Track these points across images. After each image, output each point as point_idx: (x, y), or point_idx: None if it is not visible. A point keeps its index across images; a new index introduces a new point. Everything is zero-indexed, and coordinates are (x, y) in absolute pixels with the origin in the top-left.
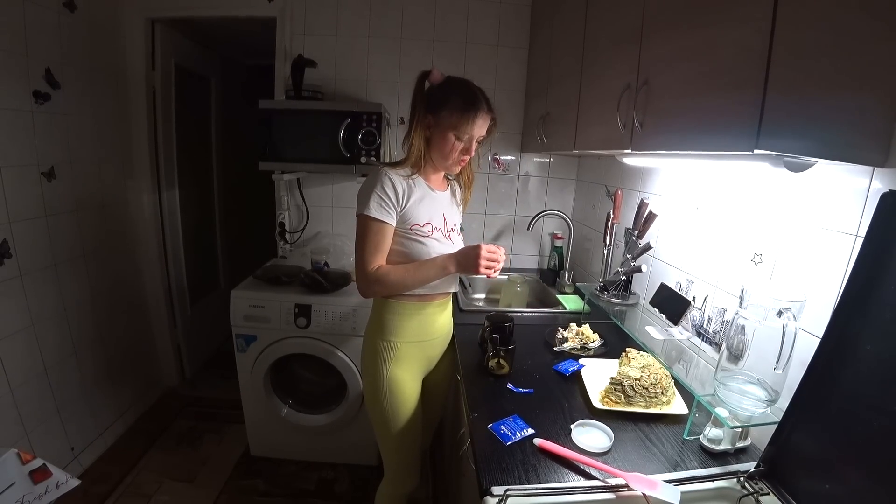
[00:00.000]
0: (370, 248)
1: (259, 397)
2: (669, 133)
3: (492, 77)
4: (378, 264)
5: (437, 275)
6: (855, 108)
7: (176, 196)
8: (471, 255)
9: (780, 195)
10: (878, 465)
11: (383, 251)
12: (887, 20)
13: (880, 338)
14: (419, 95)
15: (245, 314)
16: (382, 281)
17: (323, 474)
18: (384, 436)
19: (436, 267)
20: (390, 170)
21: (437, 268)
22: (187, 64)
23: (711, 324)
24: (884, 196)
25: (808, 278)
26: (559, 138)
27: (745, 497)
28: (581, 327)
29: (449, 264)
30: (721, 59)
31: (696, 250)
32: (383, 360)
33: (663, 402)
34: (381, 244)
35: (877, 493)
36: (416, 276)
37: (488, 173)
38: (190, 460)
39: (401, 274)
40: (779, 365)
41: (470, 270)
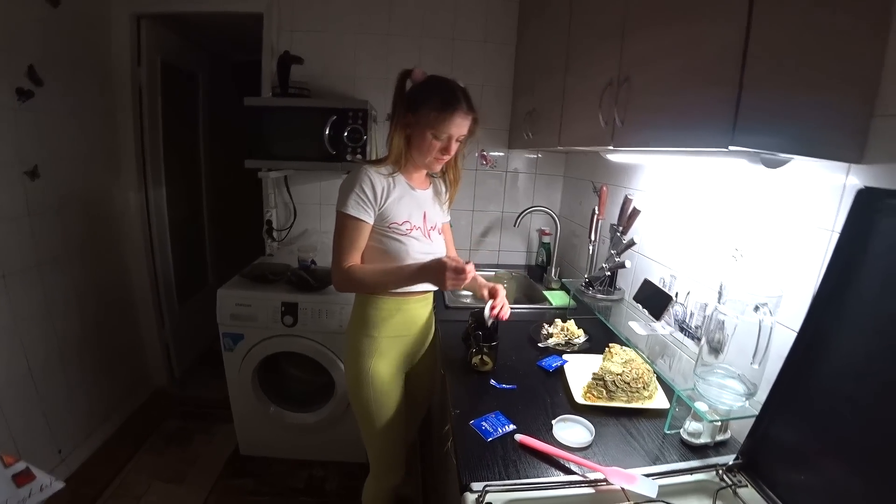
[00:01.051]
0: (345, 244)
1: (247, 396)
2: (649, 130)
3: (479, 73)
4: (351, 261)
5: (404, 284)
6: (830, 105)
7: (163, 194)
8: (438, 272)
9: (759, 191)
10: (853, 456)
11: (358, 248)
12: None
13: (855, 332)
14: (400, 94)
15: (232, 313)
16: (352, 280)
17: (313, 472)
18: (368, 431)
19: (404, 277)
20: (371, 168)
21: (405, 278)
22: (174, 60)
23: (693, 319)
24: (859, 192)
25: (785, 273)
26: (545, 135)
27: (724, 489)
28: (566, 323)
29: (417, 277)
30: (699, 56)
31: (679, 246)
32: (365, 355)
33: (645, 397)
34: (357, 242)
35: (851, 483)
36: (383, 282)
37: (476, 170)
38: (179, 461)
39: (370, 277)
40: (756, 359)
41: (436, 284)
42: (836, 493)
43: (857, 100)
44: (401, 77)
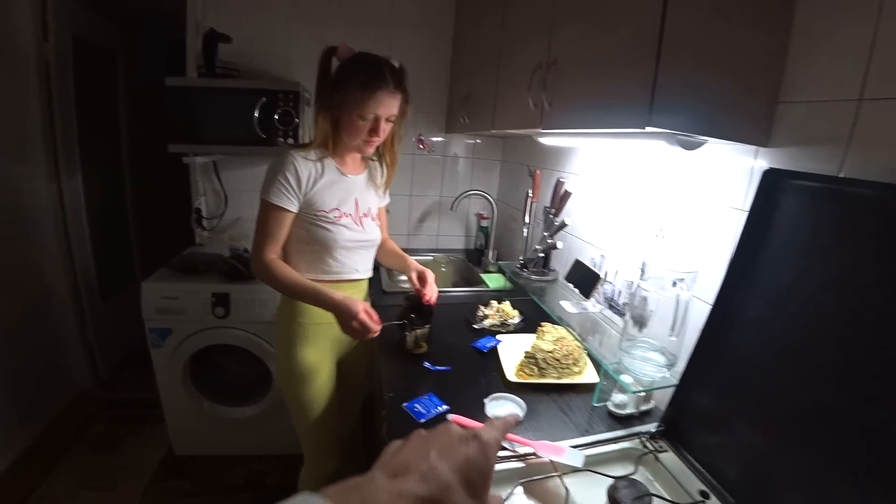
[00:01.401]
0: (265, 234)
1: (179, 393)
2: (575, 112)
3: (417, 57)
4: (270, 253)
5: (314, 305)
6: (740, 91)
7: (79, 182)
8: (346, 316)
9: (678, 173)
10: (758, 417)
11: (278, 239)
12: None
13: (761, 304)
14: (324, 73)
15: (158, 306)
16: (267, 276)
17: (253, 467)
18: (300, 420)
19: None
20: (297, 153)
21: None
22: (88, 35)
23: (621, 296)
24: (765, 173)
25: (702, 250)
26: (480, 119)
27: (645, 455)
28: (501, 304)
29: (328, 307)
30: (620, 39)
31: (608, 227)
32: (294, 343)
33: (575, 373)
34: (277, 232)
35: (757, 442)
36: (295, 295)
37: (413, 154)
38: (109, 466)
39: (284, 283)
40: (674, 331)
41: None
42: (745, 452)
43: (763, 86)
44: (325, 54)
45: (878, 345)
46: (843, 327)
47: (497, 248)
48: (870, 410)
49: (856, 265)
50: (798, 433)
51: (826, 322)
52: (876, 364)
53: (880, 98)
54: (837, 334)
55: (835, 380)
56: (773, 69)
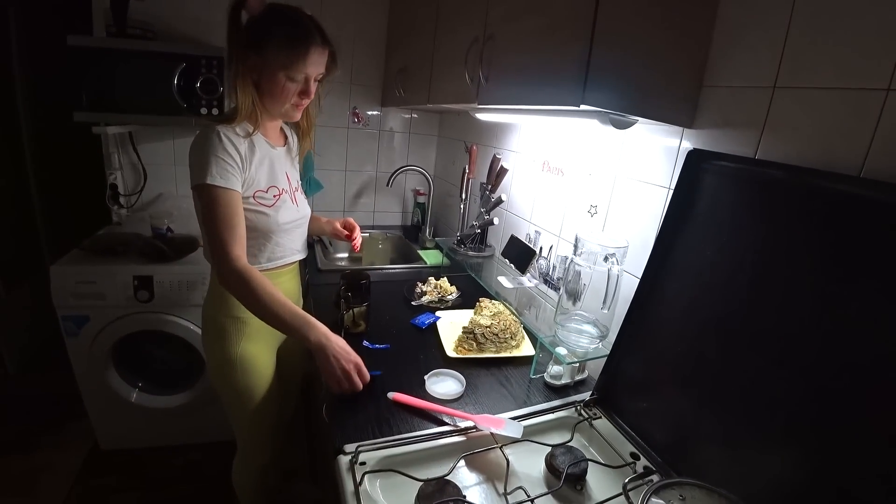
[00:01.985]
0: (223, 226)
1: (102, 385)
2: (510, 87)
3: (352, 27)
4: (240, 250)
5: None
6: (668, 72)
7: None
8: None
9: (611, 152)
10: (680, 382)
11: (240, 229)
12: None
13: (683, 276)
14: (235, 30)
15: (72, 292)
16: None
17: (189, 457)
18: (237, 413)
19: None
20: (224, 127)
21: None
22: None
23: (556, 271)
24: (689, 153)
25: (632, 227)
26: (415, 92)
27: (581, 423)
28: (439, 281)
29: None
30: (556, 14)
31: (543, 203)
32: (232, 337)
33: (513, 347)
34: (235, 220)
35: (680, 404)
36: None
37: (347, 128)
38: (24, 469)
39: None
40: (606, 304)
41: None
42: (670, 415)
43: (689, 70)
44: (233, 8)
45: (785, 313)
46: (755, 298)
47: (434, 225)
48: (776, 373)
49: (768, 241)
50: (716, 396)
51: (740, 293)
52: (782, 330)
53: (791, 87)
54: (750, 304)
55: (747, 350)
56: (698, 54)
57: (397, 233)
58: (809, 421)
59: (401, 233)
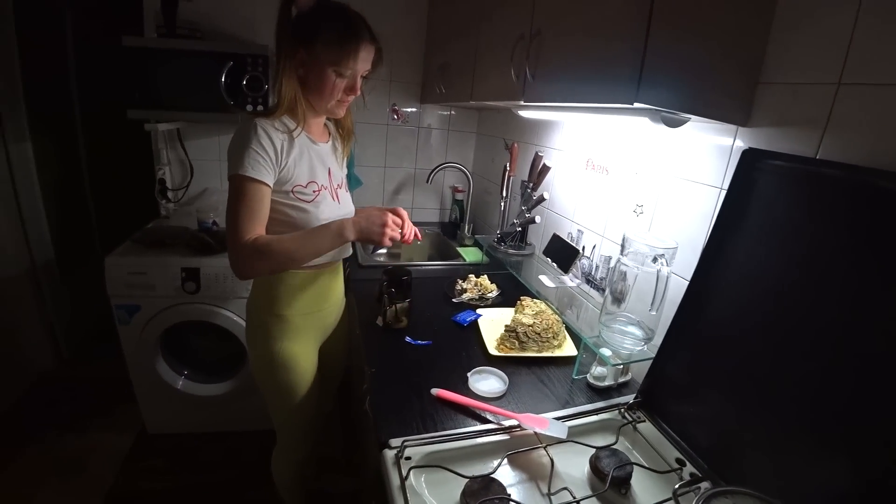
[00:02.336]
0: (245, 214)
1: (150, 371)
2: (559, 84)
3: (391, 24)
4: (256, 233)
5: (331, 244)
6: (724, 68)
7: (28, 149)
8: (374, 220)
9: (659, 150)
10: (728, 388)
11: (261, 219)
12: None
13: (735, 279)
14: (285, 26)
15: (125, 282)
16: (264, 252)
17: (229, 444)
18: (278, 408)
19: (331, 234)
20: (264, 121)
21: (333, 235)
22: None
23: (599, 271)
24: (744, 153)
25: (681, 227)
26: (457, 89)
27: (625, 426)
28: (479, 278)
29: (346, 230)
30: (608, 11)
31: (587, 202)
32: (275, 336)
33: (555, 346)
34: (259, 210)
35: (728, 409)
36: (306, 246)
37: (387, 125)
38: (77, 449)
39: (287, 244)
40: (654, 306)
41: (373, 238)
42: (717, 420)
43: (746, 66)
44: (283, 3)
45: (842, 317)
46: (810, 303)
47: (472, 222)
48: (832, 378)
49: (826, 244)
50: (767, 402)
51: (795, 297)
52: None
53: (857, 83)
54: (805, 309)
55: (801, 355)
56: (755, 50)
57: (435, 229)
58: (867, 428)
59: (439, 229)
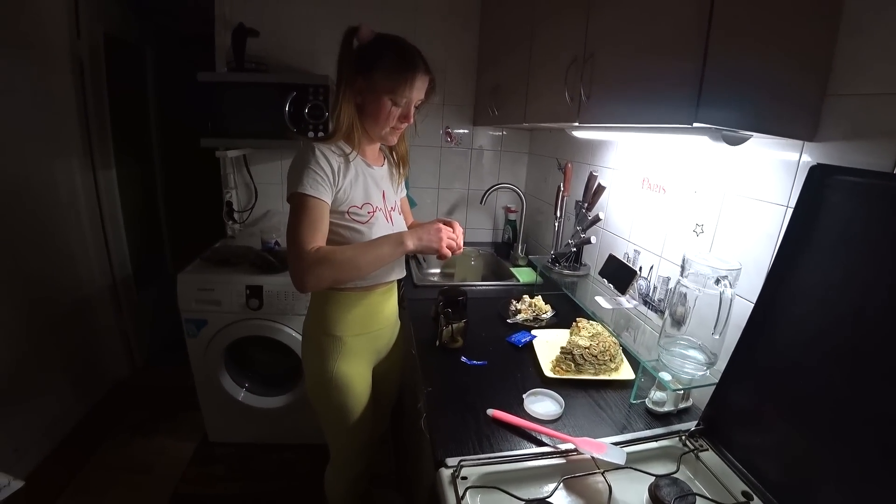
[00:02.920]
0: (306, 225)
1: (214, 382)
2: (614, 106)
3: (442, 48)
4: (317, 245)
5: (391, 252)
6: (788, 83)
7: (113, 175)
8: (432, 230)
9: (720, 168)
10: (800, 418)
11: (322, 233)
12: None
13: (805, 302)
14: (347, 55)
15: (194, 298)
16: (327, 261)
17: (283, 456)
18: (331, 428)
19: (391, 243)
20: (321, 145)
21: (393, 243)
22: (118, 32)
23: (657, 292)
24: (812, 168)
25: (744, 247)
26: (510, 111)
27: (687, 454)
28: (534, 299)
29: (406, 239)
30: (663, 30)
31: (643, 222)
32: (329, 356)
33: (612, 369)
34: (319, 223)
35: (800, 441)
36: (367, 255)
37: (441, 147)
38: (146, 451)
39: (349, 252)
40: (716, 330)
41: (432, 246)
42: (787, 452)
43: (811, 79)
44: (346, 36)
45: None
46: (893, 328)
47: (525, 242)
48: None
49: None
50: (844, 434)
51: (876, 323)
52: None
53: None
54: (887, 335)
55: (883, 381)
56: (821, 61)
57: (489, 250)
58: None
59: (492, 250)
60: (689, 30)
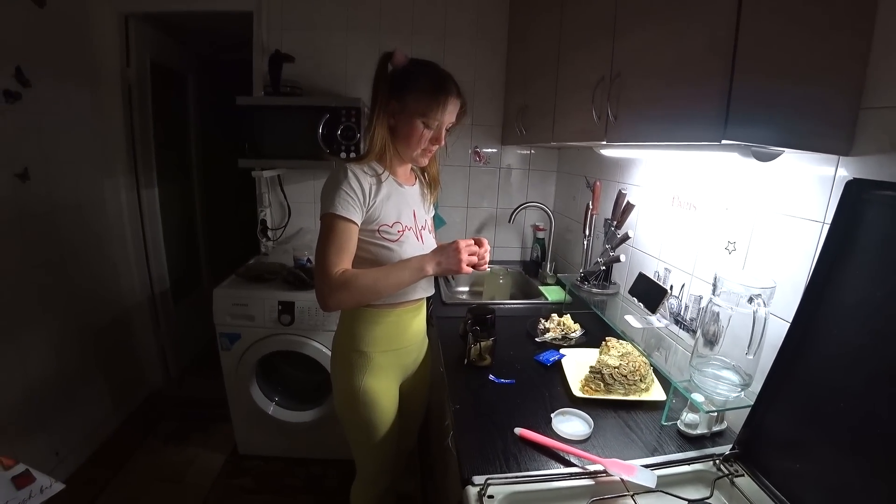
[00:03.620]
0: (333, 249)
1: (245, 395)
2: (642, 124)
3: (471, 70)
4: (342, 267)
5: (411, 277)
6: (819, 98)
7: (155, 194)
8: (450, 252)
9: (751, 184)
10: (845, 444)
11: (349, 253)
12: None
13: (845, 322)
14: (381, 79)
15: (229, 312)
16: (349, 286)
17: (311, 470)
18: (358, 443)
19: (410, 269)
20: (354, 165)
21: (413, 269)
22: (164, 60)
23: (688, 311)
24: (848, 184)
25: (778, 265)
26: (538, 130)
27: (721, 479)
28: (562, 317)
29: (426, 264)
30: (689, 49)
31: (674, 240)
32: (357, 371)
33: (642, 390)
34: (347, 245)
35: (843, 469)
36: (388, 280)
37: (469, 166)
38: (177, 461)
39: (371, 278)
40: (750, 350)
41: (452, 268)
42: (830, 480)
43: (844, 92)
44: (381, 61)
45: None
46: None
47: (554, 260)
48: None
49: None
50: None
51: None
52: None
53: None
54: None
55: None
56: (854, 74)
57: (517, 268)
58: None
59: (520, 268)
60: (715, 49)
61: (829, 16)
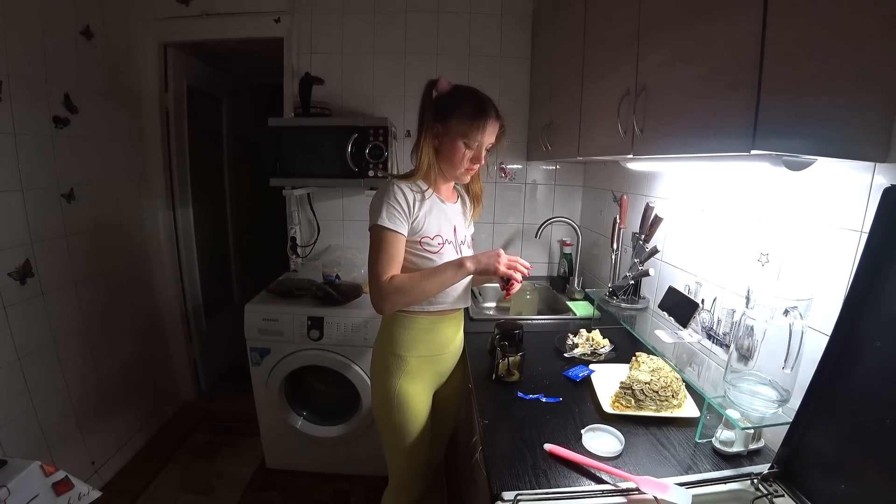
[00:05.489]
0: (384, 258)
1: (274, 410)
2: (669, 137)
3: (496, 87)
4: (392, 274)
5: (454, 275)
6: (853, 105)
7: (190, 213)
8: (490, 252)
9: (783, 194)
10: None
11: (397, 262)
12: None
13: (889, 333)
14: (427, 104)
15: (259, 328)
16: (400, 290)
17: (338, 486)
18: (391, 447)
19: (453, 266)
20: (400, 181)
21: (454, 266)
22: (199, 85)
23: (721, 325)
24: (886, 191)
25: (815, 276)
26: (563, 146)
27: (759, 499)
28: (591, 333)
29: (467, 262)
30: (715, 61)
31: (704, 252)
32: (393, 374)
33: (674, 406)
34: (395, 255)
35: (889, 491)
36: (433, 280)
37: (496, 183)
38: (207, 473)
39: (418, 279)
40: (787, 364)
41: (490, 266)
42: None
43: (879, 98)
44: (427, 87)
45: None
46: None
47: (581, 275)
48: None
49: None
50: None
51: None
52: None
53: None
54: None
55: None
56: (888, 79)
57: (544, 283)
58: None
59: (548, 283)
60: (740, 60)
61: (859, 22)
